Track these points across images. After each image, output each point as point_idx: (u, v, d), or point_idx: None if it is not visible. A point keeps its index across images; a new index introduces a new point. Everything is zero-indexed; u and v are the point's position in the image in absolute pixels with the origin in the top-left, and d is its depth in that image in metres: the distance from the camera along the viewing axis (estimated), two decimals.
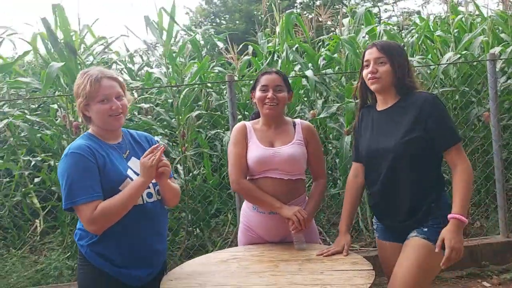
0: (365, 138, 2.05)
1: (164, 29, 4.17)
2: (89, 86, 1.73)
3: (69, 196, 1.66)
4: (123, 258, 1.75)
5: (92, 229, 1.68)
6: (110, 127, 1.82)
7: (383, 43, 1.99)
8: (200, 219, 4.13)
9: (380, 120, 2.01)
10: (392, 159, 1.90)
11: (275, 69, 2.28)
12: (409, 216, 1.91)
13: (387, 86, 1.95)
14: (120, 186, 1.74)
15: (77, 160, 1.68)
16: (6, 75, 5.49)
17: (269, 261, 1.95)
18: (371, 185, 2.04)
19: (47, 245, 4.43)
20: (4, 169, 4.71)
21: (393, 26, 6.44)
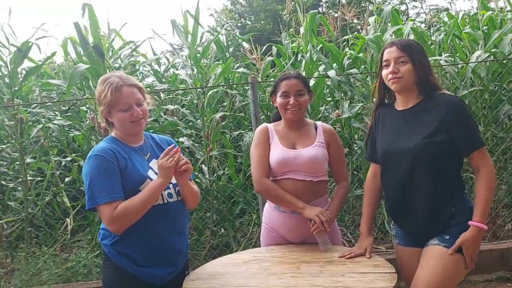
0: (383, 138, 2.01)
1: (189, 32, 4.23)
2: (110, 95, 1.78)
3: (92, 197, 1.72)
4: (144, 257, 1.80)
5: (113, 229, 1.74)
6: (132, 132, 1.87)
7: (403, 42, 1.93)
8: (225, 219, 4.16)
9: (400, 120, 1.96)
10: (411, 161, 1.86)
11: (294, 73, 2.26)
12: (430, 221, 1.87)
13: (408, 86, 1.91)
14: (141, 187, 1.79)
15: (100, 162, 1.74)
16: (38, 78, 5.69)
17: (290, 262, 1.95)
18: (388, 188, 2.00)
19: (77, 244, 4.56)
20: (36, 169, 4.87)
21: (421, 24, 6.32)
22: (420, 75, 1.88)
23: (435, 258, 1.82)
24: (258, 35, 12.08)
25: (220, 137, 4.39)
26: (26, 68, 4.94)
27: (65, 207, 4.57)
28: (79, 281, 3.64)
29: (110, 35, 4.78)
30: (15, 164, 4.65)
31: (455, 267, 1.80)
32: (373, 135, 2.10)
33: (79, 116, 5.30)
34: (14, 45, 4.31)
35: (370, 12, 5.38)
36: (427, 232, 1.89)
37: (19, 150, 4.36)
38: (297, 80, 2.20)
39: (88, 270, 3.69)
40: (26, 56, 4.28)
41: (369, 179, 2.13)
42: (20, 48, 4.14)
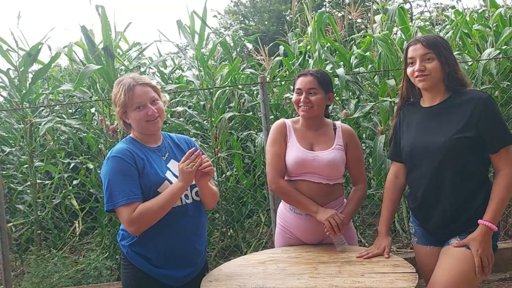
0: (409, 135, 1.96)
1: (196, 33, 4.22)
2: (123, 95, 1.79)
3: (110, 198, 1.73)
4: (161, 258, 1.80)
5: (132, 230, 1.73)
6: (148, 131, 1.87)
7: (428, 38, 1.88)
8: (234, 220, 4.15)
9: (427, 117, 1.92)
10: (439, 158, 1.82)
11: (313, 70, 2.20)
12: (453, 221, 1.83)
13: (436, 83, 1.87)
14: (159, 188, 1.78)
15: (118, 163, 1.74)
16: (44, 80, 5.70)
17: (307, 263, 1.94)
18: (414, 185, 1.97)
19: (86, 246, 4.56)
20: (44, 172, 4.88)
21: (426, 22, 6.28)
22: (447, 71, 1.85)
23: (454, 258, 1.79)
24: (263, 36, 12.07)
25: (228, 138, 4.38)
26: (32, 71, 4.94)
27: (74, 209, 4.57)
28: (90, 283, 3.63)
29: (116, 37, 4.78)
30: (23, 167, 4.65)
31: (473, 269, 1.76)
32: (396, 134, 2.07)
33: (85, 119, 5.30)
34: (23, 49, 4.31)
35: (375, 11, 5.36)
36: (449, 231, 1.86)
37: (28, 153, 4.36)
38: (311, 78, 2.14)
39: (98, 272, 3.68)
40: (35, 60, 4.28)
41: (390, 179, 2.10)
42: (29, 52, 4.14)
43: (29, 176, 4.43)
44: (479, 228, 1.76)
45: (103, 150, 4.28)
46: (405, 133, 2.00)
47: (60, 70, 7.19)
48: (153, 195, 1.76)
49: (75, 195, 4.66)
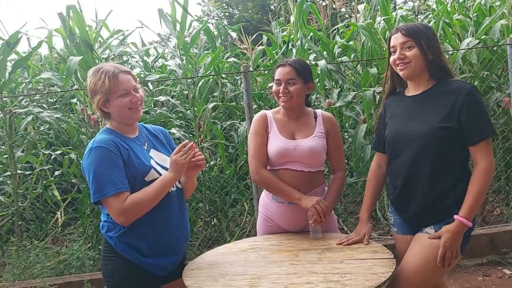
0: (392, 124, 1.97)
1: (177, 21, 4.17)
2: (108, 81, 1.75)
3: (98, 189, 1.68)
4: (151, 247, 1.79)
5: (121, 220, 1.71)
6: (129, 120, 1.85)
7: (407, 27, 1.88)
8: (218, 210, 4.16)
9: (411, 105, 1.91)
10: (419, 146, 1.83)
11: (291, 60, 2.21)
12: (431, 208, 1.84)
13: (417, 70, 1.87)
14: (146, 177, 1.77)
15: (103, 153, 1.70)
16: (24, 70, 5.59)
17: (288, 250, 1.96)
18: (394, 174, 1.97)
19: (68, 236, 4.53)
20: (25, 162, 4.80)
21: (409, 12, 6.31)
22: (429, 59, 1.85)
23: (421, 246, 1.81)
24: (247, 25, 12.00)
25: (212, 128, 4.37)
26: (11, 60, 4.83)
27: (56, 200, 4.52)
28: (72, 274, 3.62)
29: (98, 25, 4.70)
30: (3, 157, 4.58)
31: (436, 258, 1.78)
32: (380, 124, 2.07)
33: (67, 109, 5.22)
34: (1, 38, 4.22)
35: (359, 0, 5.37)
36: (426, 219, 1.87)
37: (7, 143, 4.29)
38: (290, 68, 2.15)
39: (81, 262, 3.66)
40: (14, 49, 4.20)
41: (373, 168, 2.12)
42: (8, 41, 4.06)
43: (9, 167, 4.36)
44: (454, 223, 1.77)
45: (85, 140, 4.24)
46: (388, 123, 2.00)
47: (40, 59, 7.05)
48: (140, 184, 1.75)
49: (56, 186, 4.61)
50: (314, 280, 1.62)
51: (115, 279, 1.81)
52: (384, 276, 1.61)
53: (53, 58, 5.70)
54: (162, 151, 1.92)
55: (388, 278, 1.61)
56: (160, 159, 1.87)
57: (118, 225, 1.76)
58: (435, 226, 1.84)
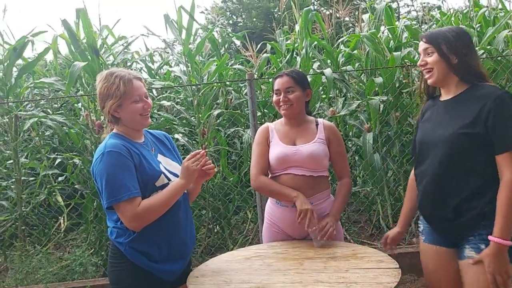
0: (422, 128, 1.93)
1: (184, 28, 4.20)
2: (123, 86, 1.76)
3: (111, 194, 1.67)
4: (161, 252, 1.80)
5: (133, 226, 1.71)
6: (139, 126, 1.86)
7: (429, 33, 1.84)
8: (221, 217, 4.15)
9: (441, 111, 1.86)
10: (442, 151, 1.77)
11: (288, 71, 2.31)
12: (457, 216, 1.76)
13: (441, 76, 1.81)
14: (156, 182, 1.78)
15: (115, 158, 1.70)
16: (29, 75, 5.62)
17: (293, 259, 1.96)
18: (419, 178, 1.91)
19: (71, 242, 4.52)
20: (29, 168, 4.81)
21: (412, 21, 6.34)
22: (453, 63, 1.78)
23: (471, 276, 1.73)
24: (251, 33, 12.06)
25: (215, 135, 4.38)
26: (17, 65, 4.87)
27: (59, 205, 4.52)
28: (75, 280, 3.61)
29: (102, 31, 4.73)
30: (8, 162, 4.59)
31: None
32: (417, 129, 2.02)
33: (71, 114, 5.24)
34: (8, 43, 4.25)
35: (364, 9, 5.41)
36: (455, 229, 1.80)
37: (12, 148, 4.30)
38: (287, 78, 2.25)
39: (84, 268, 3.66)
40: (21, 54, 4.23)
41: (412, 174, 2.04)
42: (15, 47, 4.09)
43: (13, 172, 4.37)
44: (491, 245, 1.67)
45: (89, 145, 4.25)
46: (420, 127, 1.96)
47: (46, 64, 7.09)
48: (151, 189, 1.76)
49: (60, 191, 4.61)
50: None
51: (123, 285, 1.81)
52: (390, 286, 1.61)
53: (57, 63, 5.73)
54: (168, 156, 1.94)
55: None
56: (167, 163, 1.89)
57: (129, 230, 1.75)
58: (472, 246, 1.75)
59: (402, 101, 4.15)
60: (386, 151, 4.14)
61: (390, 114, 4.13)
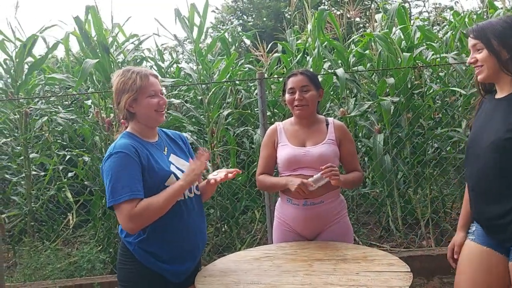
0: (473, 126, 1.82)
1: (195, 25, 4.19)
2: (139, 80, 1.78)
3: (112, 194, 1.67)
4: (171, 253, 1.78)
5: (130, 227, 1.68)
6: (154, 123, 1.85)
7: (476, 27, 1.70)
8: (229, 216, 4.14)
9: (492, 109, 1.74)
10: (485, 158, 1.67)
11: (301, 69, 2.29)
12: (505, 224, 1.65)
13: (492, 73, 1.68)
14: (166, 182, 1.76)
15: (122, 159, 1.69)
16: (40, 73, 5.65)
17: (302, 260, 1.93)
18: (469, 179, 1.81)
19: (79, 239, 4.54)
20: (39, 164, 4.84)
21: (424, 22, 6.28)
22: (505, 58, 1.64)
23: None
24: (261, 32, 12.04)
25: (225, 134, 4.37)
26: (28, 62, 4.90)
27: (68, 201, 4.54)
28: (83, 276, 3.62)
29: (113, 29, 4.74)
30: (18, 158, 4.62)
31: None
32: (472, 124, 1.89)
33: (81, 111, 5.27)
34: (20, 40, 4.28)
35: (376, 9, 5.36)
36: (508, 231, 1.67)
37: (23, 144, 4.33)
38: (302, 76, 2.22)
39: (92, 265, 3.67)
40: (31, 51, 4.26)
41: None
42: (25, 43, 4.12)
43: (23, 168, 4.40)
44: None
45: (98, 142, 4.26)
46: (473, 125, 1.84)
47: (57, 61, 7.14)
48: (161, 189, 1.74)
49: (69, 188, 4.64)
50: None
51: (129, 284, 1.81)
52: None
53: (69, 60, 5.77)
54: (181, 157, 1.92)
55: None
56: (180, 164, 1.87)
57: (139, 230, 1.74)
58: None
59: (413, 103, 4.10)
60: (397, 152, 4.10)
61: (402, 116, 4.09)
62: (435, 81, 4.60)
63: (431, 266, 3.55)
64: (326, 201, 2.15)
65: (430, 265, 3.55)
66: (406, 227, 4.08)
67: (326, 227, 2.17)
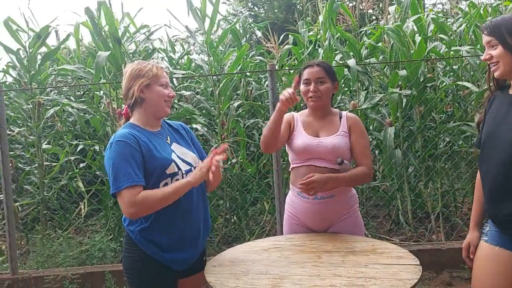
0: (487, 122, 1.78)
1: (208, 16, 4.18)
2: (155, 69, 1.86)
3: (115, 181, 1.71)
4: (171, 242, 1.80)
5: (130, 212, 1.70)
6: (160, 112, 1.89)
7: (490, 23, 1.68)
8: (238, 207, 4.16)
9: (507, 104, 1.71)
10: (505, 156, 1.63)
11: (318, 61, 2.26)
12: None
13: (509, 69, 1.67)
14: (167, 170, 1.79)
15: (122, 147, 1.73)
16: (53, 63, 5.71)
17: (311, 251, 1.94)
18: (483, 177, 1.78)
19: (91, 227, 4.61)
20: (52, 154, 4.91)
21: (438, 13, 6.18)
22: None
23: None
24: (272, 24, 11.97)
25: (235, 126, 4.38)
26: (41, 53, 4.95)
27: (80, 191, 4.60)
28: (94, 264, 3.68)
29: (123, 19, 4.75)
30: (31, 147, 4.68)
31: None
32: (483, 120, 1.85)
33: (93, 102, 5.31)
34: (33, 30, 4.31)
35: (390, 1, 5.29)
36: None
37: (36, 134, 4.38)
38: (318, 68, 2.19)
39: (103, 253, 3.72)
40: (44, 42, 4.30)
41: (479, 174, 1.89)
42: (39, 34, 4.16)
43: (36, 157, 4.46)
44: None
45: (110, 133, 4.30)
46: (486, 120, 1.81)
47: (69, 52, 7.19)
48: (161, 176, 1.77)
49: (81, 177, 4.70)
50: (338, 283, 1.59)
51: (133, 272, 1.83)
52: (410, 283, 1.57)
53: (80, 51, 5.81)
54: (184, 146, 1.95)
55: (414, 285, 1.57)
56: (181, 152, 1.89)
57: (140, 219, 1.78)
58: None
59: (426, 96, 4.06)
60: (408, 146, 4.07)
61: (413, 109, 4.05)
62: (448, 74, 4.54)
63: (441, 260, 3.54)
64: (337, 195, 2.14)
65: (440, 259, 3.54)
66: (416, 221, 4.06)
67: (337, 222, 2.16)
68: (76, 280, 3.44)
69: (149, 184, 1.76)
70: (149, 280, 1.82)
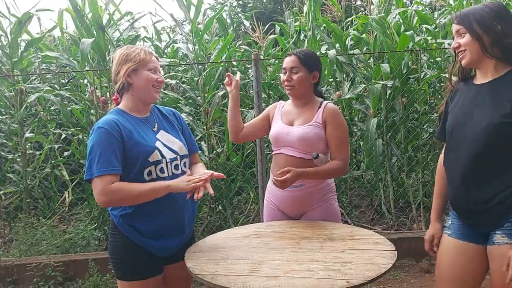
0: (453, 113, 1.78)
1: (193, 4, 4.16)
2: (143, 54, 1.84)
3: (89, 168, 1.72)
4: (154, 229, 1.81)
5: (101, 200, 1.70)
6: (148, 98, 1.87)
7: (460, 12, 1.69)
8: (223, 196, 4.18)
9: (475, 95, 1.70)
10: (478, 144, 1.64)
11: (297, 50, 2.28)
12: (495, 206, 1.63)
13: (475, 58, 1.66)
14: (149, 158, 1.79)
15: (102, 134, 1.73)
16: (37, 50, 5.62)
17: (290, 238, 1.97)
18: (450, 167, 1.78)
19: (75, 216, 4.59)
20: (35, 142, 4.86)
21: (425, 7, 6.23)
22: (488, 42, 1.62)
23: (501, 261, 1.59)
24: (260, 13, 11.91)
25: (220, 115, 4.38)
26: (25, 40, 4.87)
27: (64, 180, 4.58)
28: (77, 252, 3.67)
29: (107, 6, 4.70)
30: (14, 135, 4.63)
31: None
32: (445, 111, 1.86)
33: (78, 90, 5.26)
34: (15, 16, 4.24)
35: None
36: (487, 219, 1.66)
37: (18, 122, 4.33)
38: (294, 57, 2.22)
39: (86, 242, 3.72)
40: (26, 28, 4.23)
41: (440, 160, 1.90)
42: (20, 19, 4.09)
43: (19, 145, 4.41)
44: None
45: (94, 121, 4.27)
46: (451, 111, 1.81)
47: (54, 39, 7.08)
48: (143, 164, 1.77)
49: (65, 166, 4.67)
50: (315, 267, 1.63)
51: (117, 257, 1.85)
52: (385, 267, 1.61)
53: (64, 38, 5.73)
54: (172, 134, 1.94)
55: (388, 269, 1.62)
56: (168, 140, 1.89)
57: (123, 205, 1.78)
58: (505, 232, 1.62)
59: (409, 87, 4.11)
60: (391, 136, 4.12)
61: (396, 99, 4.09)
62: (431, 66, 4.59)
63: (420, 248, 3.54)
64: (307, 185, 2.16)
65: (419, 246, 3.57)
66: (397, 210, 4.13)
67: (309, 209, 2.21)
68: (59, 268, 3.44)
69: (133, 172, 1.76)
70: (132, 265, 1.83)
